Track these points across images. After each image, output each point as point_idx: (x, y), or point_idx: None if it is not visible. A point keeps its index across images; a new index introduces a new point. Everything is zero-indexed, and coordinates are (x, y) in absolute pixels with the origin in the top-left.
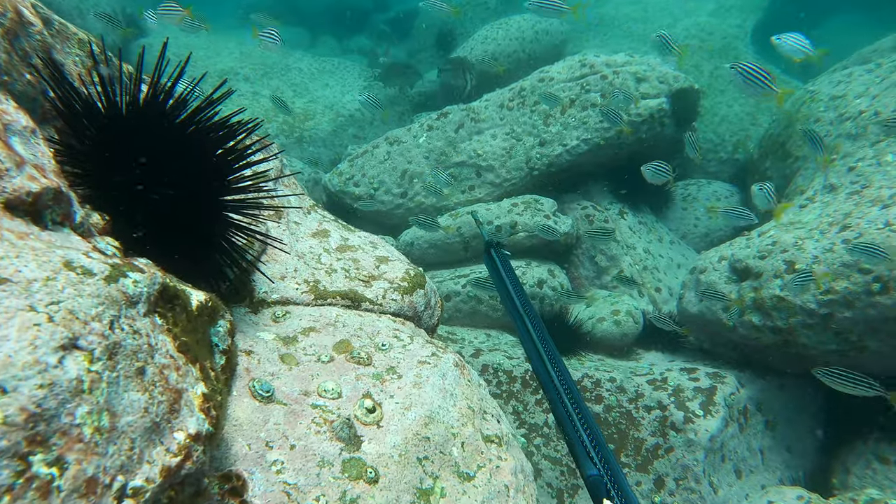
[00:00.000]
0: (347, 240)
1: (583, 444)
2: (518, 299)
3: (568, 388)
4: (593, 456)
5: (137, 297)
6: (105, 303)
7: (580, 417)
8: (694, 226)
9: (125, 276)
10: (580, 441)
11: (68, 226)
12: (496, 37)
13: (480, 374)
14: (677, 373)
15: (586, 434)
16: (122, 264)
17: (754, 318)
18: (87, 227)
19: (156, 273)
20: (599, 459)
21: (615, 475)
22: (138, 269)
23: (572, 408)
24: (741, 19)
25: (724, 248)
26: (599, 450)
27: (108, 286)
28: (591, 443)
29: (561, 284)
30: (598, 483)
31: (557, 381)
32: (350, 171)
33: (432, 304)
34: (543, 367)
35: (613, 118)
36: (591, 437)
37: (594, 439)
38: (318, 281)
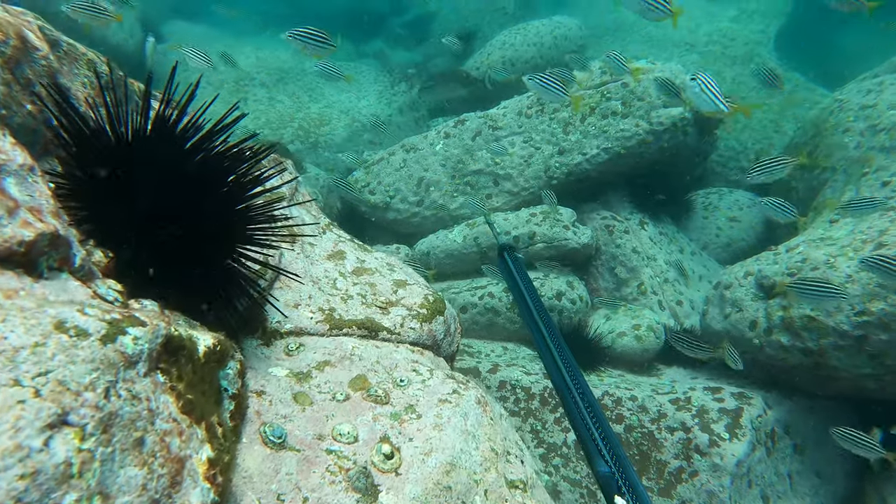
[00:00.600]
0: (364, 262)
1: (594, 441)
2: (530, 298)
3: (578, 384)
4: (604, 453)
5: (137, 355)
6: (100, 367)
7: (590, 413)
8: (716, 235)
9: (124, 334)
10: (591, 438)
11: (66, 270)
12: (514, 42)
13: (498, 391)
14: (701, 392)
15: (597, 430)
16: (121, 319)
17: (783, 337)
18: (87, 269)
19: (159, 325)
20: (611, 456)
21: (626, 472)
22: (139, 323)
23: (582, 403)
24: (764, 25)
25: (749, 262)
26: (610, 447)
27: (104, 348)
28: (602, 440)
29: (580, 296)
30: (610, 480)
31: (567, 376)
32: (366, 179)
33: (452, 331)
34: (554, 364)
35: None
36: (602, 433)
37: (605, 436)
38: (334, 309)
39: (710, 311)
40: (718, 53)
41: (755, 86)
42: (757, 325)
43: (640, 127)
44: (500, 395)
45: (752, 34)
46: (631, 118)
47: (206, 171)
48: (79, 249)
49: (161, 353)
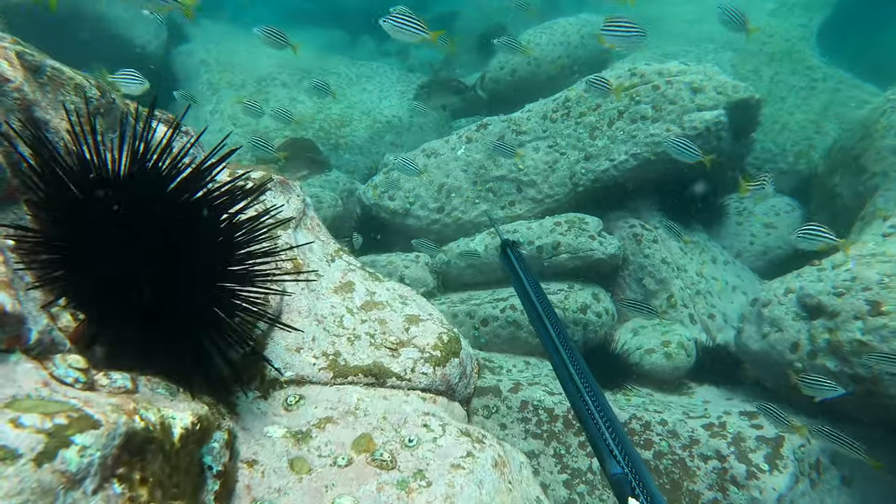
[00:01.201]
0: (374, 294)
1: (605, 442)
2: (532, 291)
3: (586, 381)
4: (616, 454)
5: (85, 470)
6: (30, 500)
7: (601, 413)
8: (750, 243)
9: (67, 446)
10: (602, 438)
11: (18, 349)
12: (540, 41)
13: (520, 411)
14: (737, 418)
15: (608, 431)
16: (66, 425)
17: (829, 362)
18: (48, 342)
19: (118, 422)
20: (623, 457)
21: (640, 473)
22: (91, 425)
23: (592, 403)
24: (806, 18)
25: (790, 278)
26: (623, 447)
27: (38, 471)
28: (614, 440)
29: (606, 309)
30: (623, 481)
31: (576, 373)
32: (385, 184)
33: (468, 373)
34: (560, 359)
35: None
36: (614, 434)
37: (616, 436)
38: (339, 353)
39: (746, 328)
40: (755, 50)
41: (795, 85)
42: (799, 347)
43: (672, 132)
44: (522, 415)
45: (792, 29)
46: (661, 123)
47: (192, 217)
48: (37, 321)
49: (120, 455)
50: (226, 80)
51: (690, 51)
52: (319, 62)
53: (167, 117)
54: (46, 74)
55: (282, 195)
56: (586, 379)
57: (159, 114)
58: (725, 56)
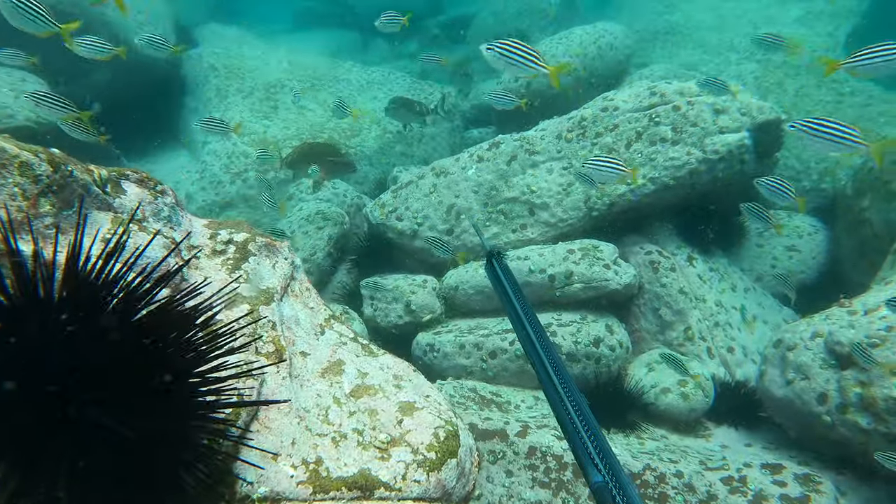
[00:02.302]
0: (365, 376)
1: (586, 450)
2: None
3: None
4: (598, 462)
5: None
6: None
7: (583, 422)
8: (771, 266)
9: None
10: (583, 446)
11: None
12: (556, 52)
13: (527, 458)
14: (758, 472)
15: (590, 439)
16: None
17: (861, 419)
18: None
19: None
20: (604, 466)
21: (620, 482)
22: None
23: (574, 412)
24: (833, 27)
25: (818, 321)
26: (604, 456)
27: None
28: (596, 449)
29: (620, 342)
30: (603, 490)
31: (558, 382)
32: (393, 203)
33: (467, 471)
34: (541, 363)
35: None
36: (595, 442)
37: (597, 444)
38: (321, 461)
39: (768, 371)
40: (779, 61)
41: (821, 99)
42: (827, 399)
43: (692, 155)
44: (529, 462)
45: (819, 38)
46: (682, 145)
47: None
48: None
49: None
50: (235, 86)
51: (712, 60)
52: (330, 68)
53: (139, 176)
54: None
55: (267, 259)
56: (568, 387)
57: (130, 172)
58: (748, 67)
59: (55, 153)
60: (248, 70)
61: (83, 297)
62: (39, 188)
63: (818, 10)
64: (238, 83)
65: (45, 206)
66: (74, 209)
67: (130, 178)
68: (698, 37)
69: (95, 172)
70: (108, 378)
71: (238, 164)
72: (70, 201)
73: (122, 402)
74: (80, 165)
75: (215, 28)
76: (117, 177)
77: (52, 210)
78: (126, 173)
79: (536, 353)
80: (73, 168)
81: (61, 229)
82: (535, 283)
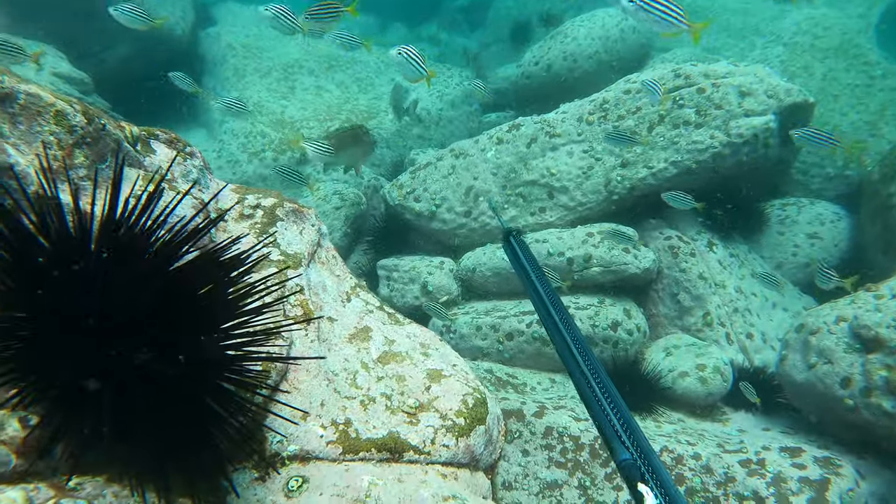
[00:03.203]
0: (392, 343)
1: (613, 428)
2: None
3: (594, 370)
4: (625, 440)
5: None
6: None
7: (608, 400)
8: (792, 254)
9: None
10: (610, 424)
11: None
12: (577, 35)
13: (543, 438)
14: (777, 454)
15: (616, 417)
16: None
17: (886, 402)
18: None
19: None
20: (631, 443)
21: (649, 458)
22: None
23: (599, 390)
24: (865, 7)
25: (842, 305)
26: (631, 433)
27: None
28: (622, 426)
29: (637, 326)
30: (632, 467)
31: (582, 360)
32: (411, 185)
33: (494, 439)
34: (563, 341)
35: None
36: (622, 420)
37: (624, 422)
38: (350, 422)
39: (789, 356)
40: (807, 45)
41: (850, 83)
42: (851, 382)
43: (716, 139)
44: (546, 442)
45: (849, 21)
46: (706, 129)
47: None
48: None
49: None
50: (252, 65)
51: (736, 44)
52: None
53: (168, 137)
54: (19, 103)
55: (294, 225)
56: (593, 365)
57: (160, 132)
58: (774, 51)
59: (89, 106)
60: (266, 50)
61: (124, 244)
62: (74, 139)
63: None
64: (256, 63)
65: (80, 158)
66: (108, 163)
67: (160, 139)
68: (723, 20)
69: (127, 129)
70: (147, 322)
71: (256, 143)
72: (103, 155)
73: (164, 345)
74: (112, 121)
75: (233, 7)
76: (147, 136)
77: (86, 162)
78: (156, 133)
79: (558, 330)
80: (106, 122)
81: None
82: (554, 266)
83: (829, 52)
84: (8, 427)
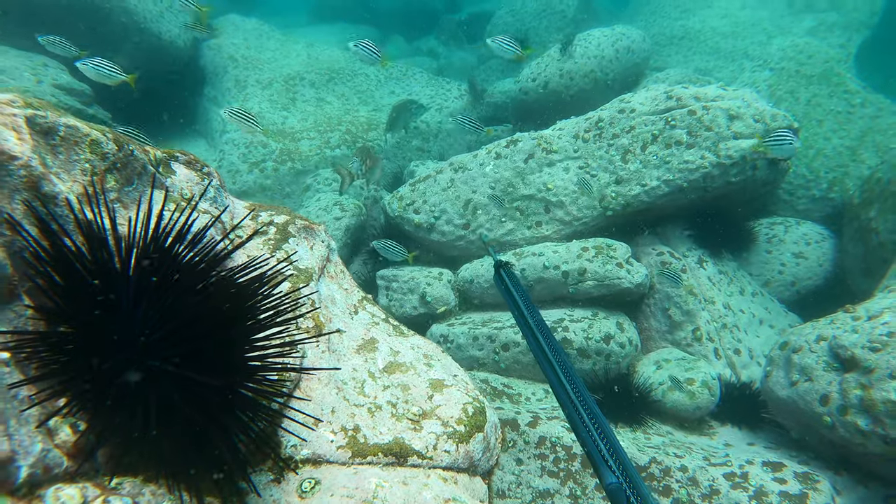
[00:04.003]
0: (397, 354)
1: (600, 453)
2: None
3: (581, 397)
4: (611, 464)
5: None
6: None
7: (595, 426)
8: (779, 272)
9: None
10: (597, 449)
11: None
12: (573, 53)
13: (537, 447)
14: (760, 469)
15: (602, 441)
16: None
17: (860, 420)
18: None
19: None
20: (618, 467)
21: (633, 481)
22: None
23: (587, 415)
24: (844, 38)
25: (823, 325)
26: (617, 457)
27: None
28: (609, 450)
29: (629, 340)
30: (618, 490)
31: (570, 387)
32: (411, 197)
33: (492, 446)
34: (553, 371)
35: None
36: (608, 444)
37: (611, 447)
38: (358, 428)
39: (773, 373)
40: (793, 71)
41: (832, 109)
42: (829, 400)
43: (707, 159)
44: (539, 451)
45: (831, 50)
46: (697, 149)
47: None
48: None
49: None
50: (254, 77)
51: (726, 67)
52: (348, 61)
53: (188, 158)
54: (59, 135)
55: (305, 241)
56: (580, 392)
57: (179, 154)
58: (762, 75)
59: (119, 133)
60: (267, 61)
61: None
62: (106, 165)
63: (831, 22)
64: (257, 74)
65: (111, 182)
66: (134, 185)
67: (179, 160)
68: (713, 43)
69: (151, 153)
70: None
71: (256, 153)
72: (130, 178)
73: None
74: (138, 146)
75: (235, 19)
76: (167, 158)
77: (116, 185)
78: (175, 154)
79: (546, 358)
80: (134, 148)
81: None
82: (549, 280)
83: (812, 79)
84: (61, 432)
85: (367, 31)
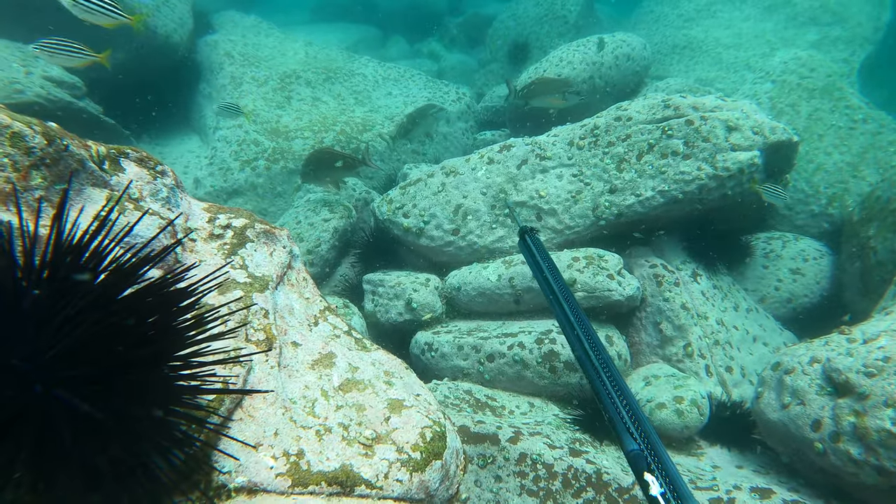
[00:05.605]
0: (356, 371)
1: (622, 420)
2: (549, 273)
3: (605, 364)
4: (633, 431)
5: None
6: None
7: (618, 393)
8: (775, 289)
9: None
10: (620, 417)
11: None
12: (572, 59)
13: (517, 465)
14: (747, 495)
15: (625, 409)
16: None
17: (853, 449)
18: None
19: None
20: (640, 434)
21: (655, 449)
22: None
23: (609, 383)
24: (848, 53)
25: (817, 346)
26: (639, 425)
27: None
28: (631, 418)
29: (618, 354)
30: (639, 457)
31: (595, 357)
32: (401, 200)
33: (451, 474)
34: (580, 345)
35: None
36: (630, 412)
37: (633, 415)
38: (302, 453)
39: (765, 394)
40: (794, 84)
41: (833, 124)
42: (821, 426)
43: (703, 171)
44: (519, 469)
45: (834, 64)
46: (693, 160)
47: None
48: None
49: None
50: (250, 74)
51: (728, 77)
52: (346, 61)
53: (139, 155)
54: None
55: (265, 246)
56: (604, 360)
57: (130, 151)
58: (764, 87)
59: (51, 126)
60: (264, 59)
61: (63, 271)
62: (31, 160)
63: (834, 36)
64: (253, 71)
65: (37, 179)
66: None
67: (130, 157)
68: (715, 54)
69: (93, 148)
70: (82, 356)
71: (248, 151)
72: (64, 176)
73: (96, 382)
74: (77, 140)
75: (233, 16)
76: (116, 154)
77: (44, 183)
78: (126, 151)
79: (570, 325)
80: (70, 142)
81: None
82: (538, 289)
83: (814, 93)
84: None
85: (369, 30)
